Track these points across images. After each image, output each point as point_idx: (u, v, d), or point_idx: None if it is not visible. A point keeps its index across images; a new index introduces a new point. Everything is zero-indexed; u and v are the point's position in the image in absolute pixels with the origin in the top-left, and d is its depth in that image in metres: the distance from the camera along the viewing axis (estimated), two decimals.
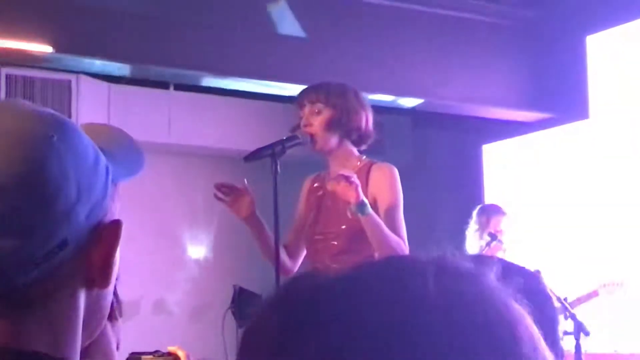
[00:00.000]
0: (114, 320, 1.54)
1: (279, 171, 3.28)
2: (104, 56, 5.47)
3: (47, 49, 5.27)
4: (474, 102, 6.52)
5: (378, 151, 3.75)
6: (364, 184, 3.25)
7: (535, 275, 1.50)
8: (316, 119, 3.37)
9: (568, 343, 3.99)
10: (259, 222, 3.39)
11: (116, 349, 1.55)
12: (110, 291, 0.95)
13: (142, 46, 5.54)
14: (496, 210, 4.90)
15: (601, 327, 5.08)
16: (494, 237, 4.68)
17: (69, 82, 5.88)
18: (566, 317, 4.01)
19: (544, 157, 6.62)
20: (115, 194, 0.94)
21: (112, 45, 5.44)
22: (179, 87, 6.39)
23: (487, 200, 6.46)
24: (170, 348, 2.00)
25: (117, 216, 0.94)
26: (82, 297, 0.91)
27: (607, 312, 5.29)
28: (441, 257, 0.63)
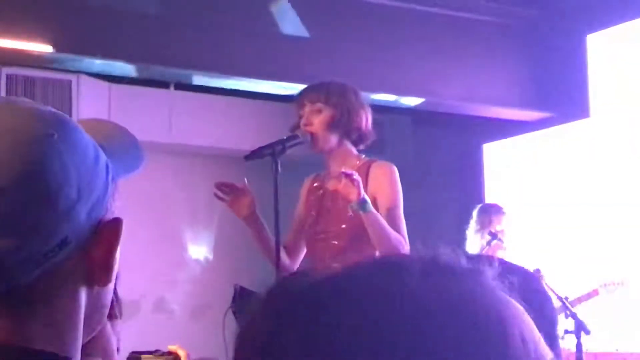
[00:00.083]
0: (114, 319, 1.54)
1: (279, 170, 3.29)
2: (105, 56, 5.46)
3: (48, 48, 5.27)
4: (474, 101, 6.51)
5: (378, 150, 3.76)
6: (363, 182, 3.25)
7: (535, 275, 1.50)
8: (316, 118, 3.37)
9: (569, 342, 3.99)
10: (259, 221, 3.39)
11: (116, 348, 1.55)
12: (110, 288, 0.95)
13: (143, 46, 5.54)
14: (497, 209, 4.90)
15: (602, 326, 5.08)
16: (495, 236, 4.68)
17: (69, 82, 5.87)
18: (567, 316, 4.01)
19: (545, 156, 6.61)
20: (115, 192, 0.94)
21: (113, 45, 5.44)
22: (179, 86, 6.38)
23: (488, 199, 6.46)
24: (171, 347, 2.00)
25: (117, 214, 0.93)
26: (83, 295, 0.91)
27: (608, 311, 5.29)
28: (433, 256, 0.63)
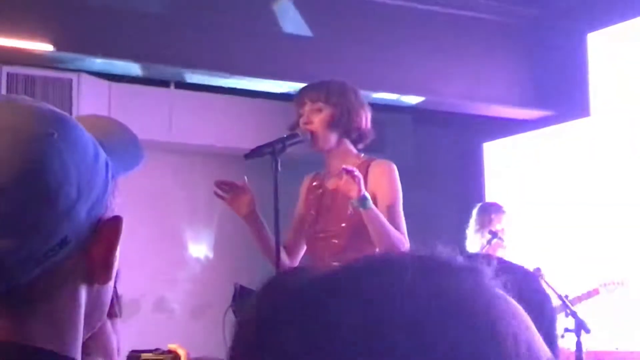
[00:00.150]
0: (113, 317, 1.54)
1: (279, 169, 3.29)
2: (105, 55, 5.46)
3: (48, 47, 5.27)
4: (475, 100, 6.51)
5: (379, 149, 3.76)
6: (363, 181, 3.25)
7: (534, 274, 1.50)
8: (317, 117, 3.37)
9: (569, 340, 3.99)
10: (258, 220, 3.39)
11: (116, 347, 1.55)
12: (110, 287, 0.95)
13: (143, 45, 5.53)
14: (497, 208, 4.90)
15: (602, 325, 5.08)
16: (495, 235, 4.68)
17: (70, 81, 5.87)
18: (567, 314, 4.01)
19: (545, 155, 6.61)
20: (115, 189, 0.93)
21: (113, 44, 5.44)
22: (179, 85, 6.38)
23: (488, 198, 6.45)
24: (171, 346, 2.00)
25: (117, 213, 0.93)
26: (83, 293, 0.91)
27: (608, 310, 5.29)
28: (427, 254, 0.63)
